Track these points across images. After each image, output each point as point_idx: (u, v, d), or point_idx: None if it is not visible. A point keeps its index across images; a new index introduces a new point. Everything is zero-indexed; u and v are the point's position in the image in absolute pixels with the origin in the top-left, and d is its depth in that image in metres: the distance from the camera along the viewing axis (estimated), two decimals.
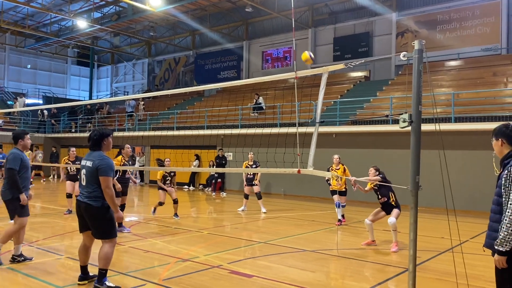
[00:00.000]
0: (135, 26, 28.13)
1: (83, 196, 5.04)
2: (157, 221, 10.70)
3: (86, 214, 5.02)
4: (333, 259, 7.17)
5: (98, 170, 4.95)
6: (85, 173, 5.06)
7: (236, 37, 27.56)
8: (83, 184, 5.07)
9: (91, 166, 5.00)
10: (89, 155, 5.14)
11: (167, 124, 22.65)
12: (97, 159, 5.03)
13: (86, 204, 4.98)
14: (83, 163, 5.13)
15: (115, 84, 36.71)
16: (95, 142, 5.16)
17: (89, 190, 4.98)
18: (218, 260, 6.77)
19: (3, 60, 32.79)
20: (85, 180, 5.04)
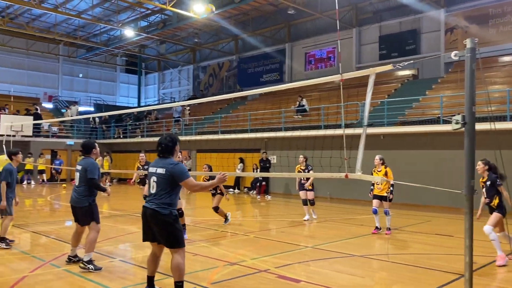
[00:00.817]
0: (180, 33, 28.78)
1: (151, 203, 4.87)
2: (204, 224, 10.85)
3: (153, 221, 4.85)
4: (383, 264, 6.97)
5: (173, 177, 4.82)
6: (155, 180, 4.88)
7: (278, 40, 27.57)
8: (153, 192, 4.91)
9: (163, 173, 4.83)
10: (159, 162, 4.96)
11: (212, 128, 22.98)
12: (169, 165, 4.86)
13: (153, 211, 4.81)
14: (152, 170, 4.96)
15: (162, 90, 37.71)
16: (168, 149, 4.98)
17: (159, 197, 4.83)
18: (265, 264, 6.76)
19: (57, 70, 34.52)
20: (156, 187, 4.87)
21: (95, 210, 6.48)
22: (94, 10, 26.57)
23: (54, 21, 28.33)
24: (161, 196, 4.82)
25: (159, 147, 5.00)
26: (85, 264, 6.24)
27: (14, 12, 26.93)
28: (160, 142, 5.01)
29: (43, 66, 33.64)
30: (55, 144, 26.61)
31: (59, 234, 9.26)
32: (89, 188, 6.41)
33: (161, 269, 6.19)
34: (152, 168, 4.97)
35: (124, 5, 25.73)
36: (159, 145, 5.00)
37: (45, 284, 5.74)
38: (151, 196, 4.91)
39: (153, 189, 4.89)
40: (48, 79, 33.93)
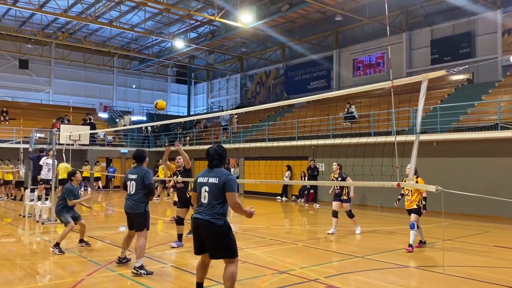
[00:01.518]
0: (228, 43, 29.28)
1: (204, 214, 4.76)
2: (253, 232, 10.90)
3: (207, 233, 4.74)
4: (438, 277, 6.69)
5: (225, 186, 4.75)
6: (208, 190, 4.81)
7: (325, 47, 27.40)
8: (204, 202, 4.81)
9: (217, 183, 4.78)
10: (210, 172, 4.91)
11: (259, 136, 23.12)
12: (223, 174, 4.83)
13: (208, 222, 4.71)
14: (203, 180, 4.89)
15: (210, 99, 38.46)
16: (222, 159, 4.98)
17: (211, 208, 4.75)
18: (315, 273, 6.68)
19: (112, 82, 36.12)
20: (208, 197, 4.79)
21: (148, 217, 6.70)
22: (146, 23, 27.60)
23: (109, 35, 29.73)
24: (214, 207, 4.74)
25: (212, 156, 4.95)
26: (137, 270, 6.43)
27: (73, 28, 28.52)
28: (212, 152, 4.96)
29: (99, 78, 35.33)
30: (110, 152, 27.77)
31: (113, 239, 9.63)
32: (145, 195, 6.64)
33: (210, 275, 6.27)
34: (203, 178, 4.89)
35: (174, 17, 26.57)
36: (212, 155, 4.95)
37: (101, 286, 5.98)
38: (202, 207, 4.81)
39: (205, 199, 4.80)
40: (103, 90, 35.57)
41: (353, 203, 17.64)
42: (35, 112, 29.51)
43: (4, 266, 7.09)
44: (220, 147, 5.06)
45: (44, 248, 9.00)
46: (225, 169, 8.47)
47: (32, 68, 31.73)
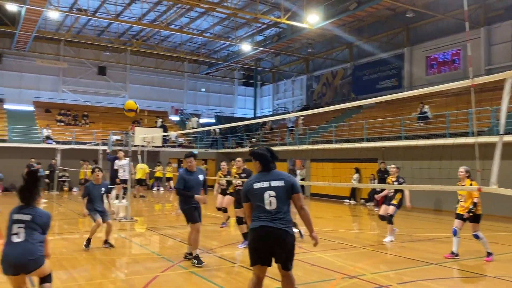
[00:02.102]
0: (294, 44, 29.23)
1: (275, 222, 4.23)
2: (321, 235, 10.71)
3: (280, 243, 4.24)
4: None
5: (292, 188, 4.39)
6: (275, 194, 4.31)
7: (395, 45, 26.46)
8: (271, 209, 4.28)
9: (284, 185, 4.36)
10: (270, 175, 4.44)
11: (326, 137, 22.82)
12: (285, 175, 4.47)
13: (283, 232, 4.23)
14: (264, 184, 4.36)
15: (276, 101, 38.62)
16: (275, 161, 4.61)
17: (283, 214, 4.28)
18: (387, 279, 6.46)
19: (182, 86, 37.48)
20: (276, 202, 4.29)
21: (187, 213, 7.29)
22: (215, 28, 28.36)
23: (180, 40, 30.90)
24: (285, 213, 4.31)
25: (267, 158, 4.50)
26: (192, 260, 7.16)
27: (146, 35, 29.98)
28: (265, 154, 4.52)
29: (170, 83, 36.82)
30: (181, 153, 28.79)
31: (184, 237, 9.94)
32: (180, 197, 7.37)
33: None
34: (263, 183, 4.36)
35: (241, 21, 27.03)
36: (266, 156, 4.51)
37: (174, 284, 6.21)
38: (271, 214, 4.26)
39: (272, 205, 4.28)
40: (174, 94, 37.02)
41: (427, 207, 16.87)
42: (112, 115, 31.36)
43: (87, 260, 7.59)
44: (269, 148, 4.63)
45: (121, 244, 9.52)
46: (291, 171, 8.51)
47: (109, 74, 33.78)
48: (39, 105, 30.02)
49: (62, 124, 28.11)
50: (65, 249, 8.47)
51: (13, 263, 4.03)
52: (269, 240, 4.24)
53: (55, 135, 25.90)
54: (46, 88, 31.74)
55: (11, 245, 4.07)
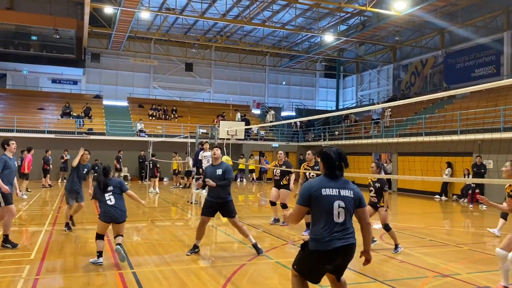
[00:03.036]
0: (380, 33, 28.13)
1: (345, 234, 3.71)
2: (409, 231, 10.28)
3: (347, 258, 3.80)
4: None
5: (361, 201, 3.85)
6: (344, 205, 3.72)
7: (494, 29, 24.34)
8: (339, 222, 3.70)
9: (352, 197, 3.79)
10: (337, 183, 3.81)
11: (414, 130, 21.69)
12: (353, 186, 3.86)
13: (352, 245, 3.76)
14: (333, 192, 3.75)
15: (360, 92, 37.53)
16: (344, 166, 3.91)
17: (349, 227, 3.77)
18: (484, 280, 5.99)
19: (263, 80, 37.88)
20: (345, 215, 3.73)
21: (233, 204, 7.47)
22: (297, 20, 28.19)
23: (262, 35, 31.21)
24: (350, 225, 3.79)
25: (341, 162, 3.86)
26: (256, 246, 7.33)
27: (230, 31, 30.69)
28: (339, 156, 3.86)
29: (252, 77, 37.40)
30: (262, 146, 29.22)
31: (267, 228, 10.07)
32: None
33: (364, 271, 6.10)
34: (332, 190, 3.75)
35: (324, 11, 26.57)
36: (340, 160, 3.85)
37: (261, 274, 6.30)
38: (340, 227, 3.69)
39: (340, 217, 3.71)
40: (256, 88, 37.55)
41: None
42: (198, 110, 32.65)
43: (177, 245, 7.99)
44: (339, 150, 3.94)
45: (208, 233, 9.87)
46: (377, 165, 8.06)
47: (195, 70, 35.15)
48: (132, 100, 32.16)
49: (153, 118, 29.84)
50: (157, 235, 8.99)
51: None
52: (337, 258, 3.72)
53: (147, 128, 27.59)
54: (139, 84, 33.90)
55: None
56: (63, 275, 5.97)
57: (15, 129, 23.76)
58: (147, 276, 5.87)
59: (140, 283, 5.53)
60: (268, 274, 6.28)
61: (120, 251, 6.33)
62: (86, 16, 23.37)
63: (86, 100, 29.64)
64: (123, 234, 6.72)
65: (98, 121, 27.53)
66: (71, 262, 6.61)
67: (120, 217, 6.53)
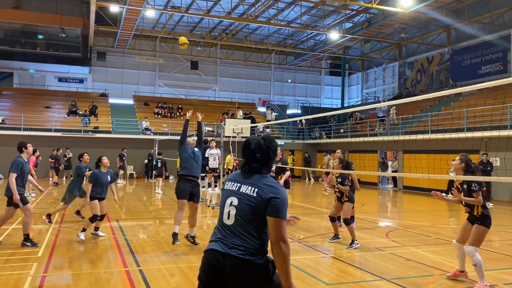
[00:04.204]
0: (385, 30, 28.02)
1: (226, 240, 2.84)
2: (415, 229, 10.26)
3: (229, 277, 2.77)
4: None
5: (267, 206, 2.79)
6: (236, 204, 2.87)
7: (500, 26, 24.16)
8: (227, 224, 2.88)
9: (255, 196, 2.81)
10: (247, 176, 2.94)
11: (420, 127, 21.60)
12: (266, 186, 2.84)
13: (236, 260, 2.76)
14: (232, 186, 2.97)
15: (365, 90, 37.40)
16: (265, 157, 2.99)
17: (239, 234, 2.85)
18: (492, 279, 5.96)
19: (269, 78, 37.85)
20: (234, 217, 2.87)
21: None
22: (302, 18, 28.12)
23: (267, 32, 31.16)
24: (247, 236, 2.85)
25: (248, 153, 3.00)
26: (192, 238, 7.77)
27: (235, 29, 30.67)
28: (251, 146, 2.99)
29: (257, 75, 37.37)
30: None
31: None
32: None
33: (373, 271, 6.09)
34: (233, 184, 2.96)
35: (329, 9, 26.48)
36: (249, 149, 3.00)
37: None
38: (226, 232, 2.83)
39: (230, 219, 2.86)
40: (262, 86, 37.52)
41: None
42: (204, 107, 32.60)
43: (184, 243, 8.01)
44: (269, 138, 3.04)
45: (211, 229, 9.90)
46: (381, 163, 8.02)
47: (201, 68, 35.17)
48: (138, 98, 32.25)
49: (159, 116, 29.92)
50: (163, 233, 9.03)
51: None
52: (215, 270, 2.77)
53: (153, 127, 27.66)
54: (145, 82, 33.99)
55: None
56: (71, 272, 6.01)
57: (22, 127, 23.92)
58: (154, 274, 5.90)
59: (147, 281, 5.57)
60: None
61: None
62: (92, 15, 23.46)
63: (92, 98, 29.78)
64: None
65: (104, 119, 27.64)
66: (79, 260, 6.66)
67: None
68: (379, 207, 16.19)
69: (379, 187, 23.57)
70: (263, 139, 2.99)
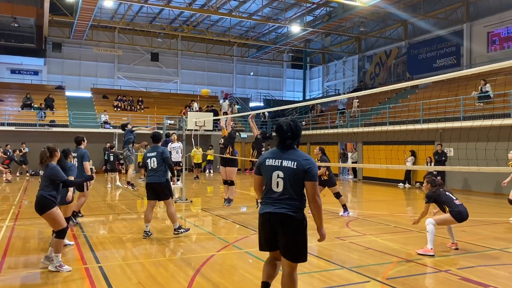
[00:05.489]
0: (345, 24, 28.49)
1: (278, 202, 3.85)
2: (374, 218, 10.56)
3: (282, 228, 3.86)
4: None
5: (305, 174, 3.81)
6: (283, 176, 3.84)
7: (454, 21, 25.08)
8: (277, 191, 3.86)
9: (295, 168, 3.81)
10: (285, 153, 3.91)
11: (379, 119, 22.19)
12: (302, 159, 3.84)
13: (284, 216, 3.81)
14: (274, 162, 3.90)
15: (326, 83, 37.96)
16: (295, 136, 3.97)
17: (288, 197, 3.85)
18: (446, 264, 6.23)
19: (231, 70, 37.71)
20: (283, 185, 3.85)
21: (170, 186, 7.98)
22: (264, 10, 28.12)
23: (229, 25, 30.97)
24: (293, 198, 3.84)
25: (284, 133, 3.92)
26: (177, 231, 7.92)
27: (196, 20, 30.26)
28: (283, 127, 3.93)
29: (219, 67, 37.14)
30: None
31: (236, 218, 10.11)
32: (166, 169, 7.78)
33: (334, 260, 6.20)
34: (274, 161, 3.90)
35: (290, 2, 26.62)
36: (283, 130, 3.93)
37: (230, 264, 6.33)
38: (278, 196, 3.85)
39: (279, 187, 3.86)
40: (224, 79, 37.33)
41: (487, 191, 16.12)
42: (165, 100, 32.17)
43: (145, 238, 7.90)
44: (295, 121, 4.01)
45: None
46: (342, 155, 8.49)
47: (161, 60, 34.55)
48: (96, 91, 31.31)
49: (119, 110, 29.20)
50: (125, 229, 8.86)
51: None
52: (271, 225, 3.84)
53: (112, 120, 26.97)
54: (103, 75, 33.03)
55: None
56: (27, 271, 5.80)
57: None
58: (115, 270, 5.79)
59: (107, 278, 5.45)
60: (238, 264, 6.31)
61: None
62: (46, 4, 22.49)
63: (48, 91, 28.65)
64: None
65: (61, 113, 26.68)
66: (35, 258, 6.42)
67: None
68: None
69: (340, 178, 24.08)
70: (292, 121, 3.98)
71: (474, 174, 16.76)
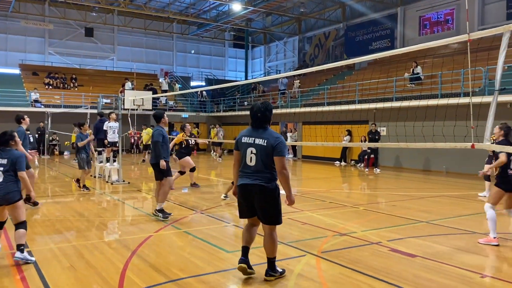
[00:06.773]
0: (286, 4, 28.56)
1: (252, 177, 4.51)
2: (312, 194, 10.88)
3: (256, 197, 4.54)
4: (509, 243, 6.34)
5: (273, 150, 4.43)
6: (255, 152, 4.50)
7: (389, 4, 25.98)
8: (251, 165, 4.53)
9: (265, 146, 4.45)
10: (258, 132, 4.58)
11: (317, 100, 22.70)
12: (271, 137, 4.49)
13: (259, 186, 4.46)
14: (249, 140, 4.57)
15: (268, 63, 38.12)
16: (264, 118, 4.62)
17: (261, 170, 4.49)
18: (377, 237, 6.58)
19: (171, 48, 36.73)
20: (255, 160, 4.51)
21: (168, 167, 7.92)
22: None
23: (168, 0, 30.00)
24: (265, 171, 4.48)
25: (257, 115, 4.59)
26: (156, 212, 7.67)
27: None
28: (257, 110, 4.59)
29: (159, 44, 36.03)
30: (172, 117, 28.50)
31: (177, 199, 10.02)
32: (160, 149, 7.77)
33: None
34: (249, 138, 4.58)
35: None
36: (256, 113, 4.59)
37: (168, 243, 6.28)
38: (251, 170, 4.52)
39: (252, 162, 4.53)
40: (164, 56, 36.32)
41: (416, 168, 17.11)
42: (101, 78, 30.83)
43: (80, 221, 7.61)
44: (269, 103, 4.69)
45: (113, 206, 9.56)
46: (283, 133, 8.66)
47: (97, 36, 32.91)
48: (25, 68, 29.34)
49: (51, 87, 27.59)
50: (58, 212, 8.48)
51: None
52: (248, 195, 4.55)
53: (44, 99, 25.47)
54: (32, 50, 30.95)
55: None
56: None
57: None
58: (45, 255, 5.53)
59: (37, 263, 5.20)
60: (175, 244, 6.27)
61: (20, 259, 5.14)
62: None
63: None
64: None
65: None
66: None
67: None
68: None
69: None
70: (261, 103, 4.63)
71: (405, 151, 17.72)
